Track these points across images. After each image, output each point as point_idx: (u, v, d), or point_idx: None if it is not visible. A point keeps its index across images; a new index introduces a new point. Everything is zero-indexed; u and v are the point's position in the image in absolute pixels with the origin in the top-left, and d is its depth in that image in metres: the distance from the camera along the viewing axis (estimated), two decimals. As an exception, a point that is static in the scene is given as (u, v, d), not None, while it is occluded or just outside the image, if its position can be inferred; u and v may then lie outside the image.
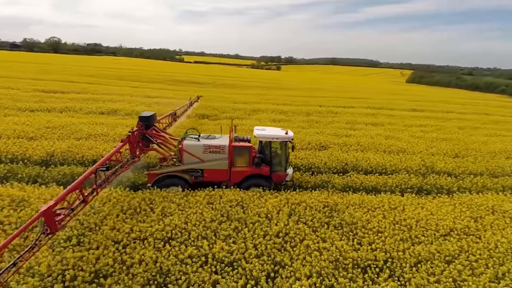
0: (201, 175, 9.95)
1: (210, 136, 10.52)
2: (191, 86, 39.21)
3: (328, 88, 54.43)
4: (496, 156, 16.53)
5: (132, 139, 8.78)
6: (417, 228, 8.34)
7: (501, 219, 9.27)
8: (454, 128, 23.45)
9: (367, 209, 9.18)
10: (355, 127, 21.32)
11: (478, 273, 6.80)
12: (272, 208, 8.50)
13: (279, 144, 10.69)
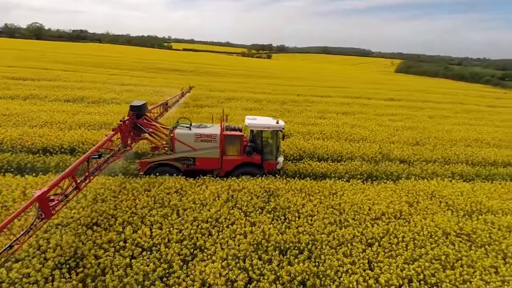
0: (193, 163, 10.26)
1: (201, 125, 10.78)
2: (172, 74, 38.71)
3: (313, 77, 54.34)
4: (456, 144, 16.93)
5: (123, 128, 8.93)
6: (349, 212, 8.59)
7: (436, 204, 9.61)
8: (424, 117, 23.83)
9: (307, 194, 9.39)
10: (325, 116, 21.47)
11: (395, 255, 7.08)
12: (210, 194, 8.61)
13: (270, 133, 11.06)
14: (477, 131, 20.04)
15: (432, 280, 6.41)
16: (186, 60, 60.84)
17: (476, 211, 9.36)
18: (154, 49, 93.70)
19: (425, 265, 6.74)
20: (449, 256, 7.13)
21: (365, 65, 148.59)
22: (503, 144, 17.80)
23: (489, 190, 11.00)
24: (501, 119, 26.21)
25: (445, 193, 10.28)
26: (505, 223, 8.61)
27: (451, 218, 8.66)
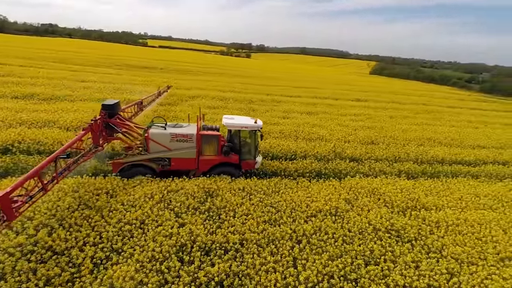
0: (168, 164, 10.01)
1: (177, 125, 10.52)
2: (140, 71, 37.62)
3: (288, 77, 54.69)
4: (410, 143, 17.47)
5: (94, 128, 8.65)
6: (286, 210, 8.59)
7: (374, 201, 9.82)
8: (385, 117, 24.50)
9: (248, 193, 9.30)
10: (288, 116, 21.57)
11: (321, 251, 7.11)
12: (142, 195, 8.32)
13: (248, 133, 10.90)
14: (432, 131, 20.86)
15: (352, 276, 6.48)
16: (158, 57, 59.53)
17: (411, 207, 9.65)
18: (126, 46, 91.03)
19: (347, 262, 6.81)
20: (374, 252, 7.26)
21: (342, 66, 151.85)
22: (454, 143, 18.60)
23: (429, 187, 11.42)
24: (459, 119, 27.47)
25: (385, 190, 10.53)
26: (435, 218, 8.91)
27: (385, 215, 8.85)
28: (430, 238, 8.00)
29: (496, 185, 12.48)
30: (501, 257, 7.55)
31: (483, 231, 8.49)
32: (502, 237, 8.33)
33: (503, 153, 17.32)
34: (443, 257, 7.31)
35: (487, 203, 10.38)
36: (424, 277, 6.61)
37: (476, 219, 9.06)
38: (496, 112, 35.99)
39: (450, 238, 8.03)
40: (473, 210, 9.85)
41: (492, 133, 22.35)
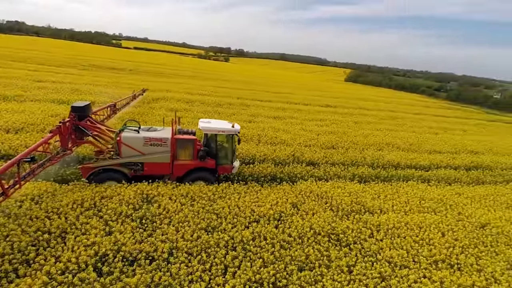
0: (141, 169, 9.66)
1: (151, 128, 10.22)
2: (106, 71, 36.41)
3: (263, 82, 54.86)
4: (369, 148, 17.81)
5: (63, 130, 8.29)
6: (228, 216, 8.32)
7: (321, 205, 9.77)
8: (350, 123, 24.99)
9: (190, 199, 8.97)
10: (254, 120, 21.46)
11: (256, 258, 6.90)
12: (69, 202, 7.77)
13: (225, 137, 10.70)
14: (393, 136, 21.43)
15: (282, 282, 6.30)
16: (129, 58, 57.98)
17: (356, 211, 9.69)
18: (97, 46, 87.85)
19: (281, 268, 6.64)
20: (310, 256, 7.14)
21: (320, 73, 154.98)
22: (412, 148, 19.17)
23: (378, 191, 11.57)
24: (420, 125, 28.53)
25: (334, 193, 10.55)
26: (377, 222, 8.98)
27: (328, 218, 8.81)
28: (369, 242, 8.01)
29: (444, 189, 12.88)
30: (435, 259, 7.68)
31: (421, 234, 8.64)
32: (439, 240, 8.50)
33: (457, 158, 18.02)
34: (377, 261, 7.31)
35: (431, 206, 10.64)
36: (355, 281, 6.55)
37: (417, 222, 9.22)
38: (457, 119, 37.80)
39: (387, 242, 8.08)
40: (416, 213, 10.04)
41: (450, 139, 23.28)
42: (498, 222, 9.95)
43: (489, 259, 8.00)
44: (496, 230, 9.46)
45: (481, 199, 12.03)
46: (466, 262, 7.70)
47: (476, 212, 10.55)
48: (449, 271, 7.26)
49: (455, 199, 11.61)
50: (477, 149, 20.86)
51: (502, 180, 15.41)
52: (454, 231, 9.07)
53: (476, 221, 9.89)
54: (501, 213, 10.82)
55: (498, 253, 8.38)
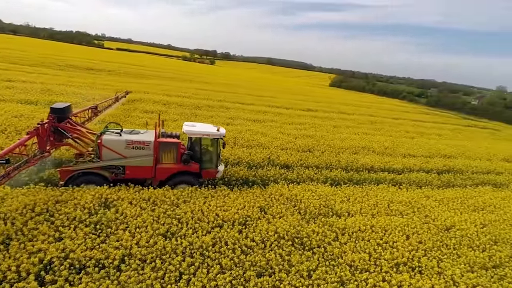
0: (123, 172, 9.51)
1: (133, 131, 10.10)
2: (83, 72, 35.46)
3: (249, 86, 54.72)
4: (345, 152, 17.92)
5: (41, 132, 8.03)
6: (190, 221, 8.05)
7: (289, 208, 9.64)
8: (329, 127, 25.16)
9: (152, 203, 8.64)
10: (233, 123, 21.25)
11: (212, 264, 6.66)
12: (19, 206, 7.32)
13: (210, 141, 10.62)
14: (369, 140, 21.66)
15: (239, 289, 6.09)
16: (109, 59, 56.72)
17: (323, 214, 9.62)
18: (77, 46, 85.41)
19: (239, 273, 6.42)
20: (272, 261, 6.97)
21: (305, 78, 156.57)
22: (387, 151, 19.44)
23: (348, 193, 11.57)
24: (398, 129, 29.06)
25: (303, 196, 10.46)
26: (343, 225, 8.92)
27: (294, 222, 8.68)
28: (332, 245, 7.92)
29: (414, 192, 13.04)
30: (397, 262, 7.66)
31: (385, 237, 8.64)
32: (403, 243, 8.51)
33: (430, 162, 18.41)
34: (339, 265, 7.22)
35: (398, 209, 10.72)
36: (313, 286, 6.41)
37: (383, 225, 9.23)
38: (434, 124, 38.75)
39: (351, 245, 8.02)
40: (384, 216, 10.06)
41: (425, 143, 23.77)
42: (463, 225, 10.11)
43: (450, 261, 8.07)
44: (460, 232, 9.60)
45: (449, 202, 12.24)
46: (428, 265, 7.73)
47: (443, 215, 10.69)
48: (410, 274, 7.25)
49: (424, 202, 11.76)
50: (451, 153, 21.39)
51: (472, 184, 15.79)
52: (419, 234, 9.12)
53: (441, 223, 10.01)
54: (467, 215, 11.02)
55: (460, 255, 8.47)
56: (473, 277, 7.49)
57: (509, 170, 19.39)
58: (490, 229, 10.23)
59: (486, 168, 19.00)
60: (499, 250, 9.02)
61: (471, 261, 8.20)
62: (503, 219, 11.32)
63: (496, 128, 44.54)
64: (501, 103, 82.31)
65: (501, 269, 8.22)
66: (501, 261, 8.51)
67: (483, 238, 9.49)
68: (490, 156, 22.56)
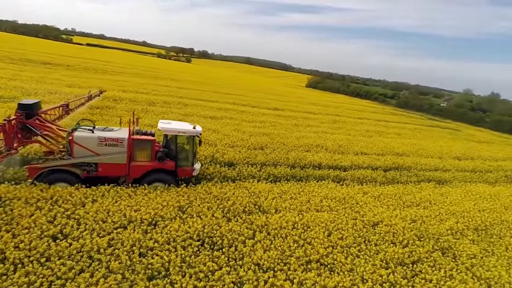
0: (95, 170, 9.32)
1: (107, 128, 10.04)
2: (38, 66, 33.39)
3: (219, 84, 53.80)
4: (298, 149, 17.73)
5: (7, 129, 7.79)
6: (92, 222, 7.39)
7: (212, 207, 9.15)
8: (290, 125, 24.98)
9: (53, 203, 7.88)
10: (185, 119, 20.20)
11: (98, 268, 6.05)
12: None
13: (186, 139, 10.60)
14: (326, 138, 21.66)
15: (120, 294, 5.53)
16: (72, 54, 54.06)
17: (248, 211, 9.25)
18: (40, 40, 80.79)
19: (127, 277, 5.86)
20: (170, 263, 6.46)
21: (283, 78, 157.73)
22: (340, 149, 19.45)
23: (284, 190, 11.29)
24: (358, 128, 29.38)
25: (234, 194, 10.06)
26: (264, 222, 8.58)
27: (212, 221, 8.22)
28: (245, 244, 7.53)
29: (353, 188, 12.99)
30: (309, 259, 7.37)
31: (305, 234, 8.38)
32: (322, 239, 8.28)
33: (380, 159, 18.58)
34: (244, 264, 6.81)
35: (330, 205, 10.53)
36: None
37: (307, 222, 8.98)
38: (397, 124, 39.72)
39: (266, 243, 7.68)
40: (312, 212, 9.83)
41: (381, 141, 24.10)
42: (392, 221, 10.07)
43: (367, 258, 7.90)
44: (386, 228, 9.52)
45: (385, 198, 12.26)
46: (342, 261, 7.50)
47: (374, 211, 10.63)
48: (319, 272, 6.98)
49: (359, 198, 11.68)
50: (404, 151, 21.80)
51: (416, 180, 16.04)
52: (343, 230, 8.93)
53: (369, 219, 9.91)
54: (399, 211, 11.03)
55: (379, 251, 8.34)
56: (386, 273, 7.33)
57: (457, 167, 19.98)
58: (418, 224, 10.26)
59: (434, 165, 19.45)
60: (421, 246, 9.00)
61: (388, 257, 8.07)
62: (435, 214, 11.46)
63: (457, 129, 46.41)
64: (467, 105, 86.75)
65: (419, 264, 8.17)
66: (421, 257, 8.46)
67: (408, 233, 9.45)
68: (442, 154, 23.23)
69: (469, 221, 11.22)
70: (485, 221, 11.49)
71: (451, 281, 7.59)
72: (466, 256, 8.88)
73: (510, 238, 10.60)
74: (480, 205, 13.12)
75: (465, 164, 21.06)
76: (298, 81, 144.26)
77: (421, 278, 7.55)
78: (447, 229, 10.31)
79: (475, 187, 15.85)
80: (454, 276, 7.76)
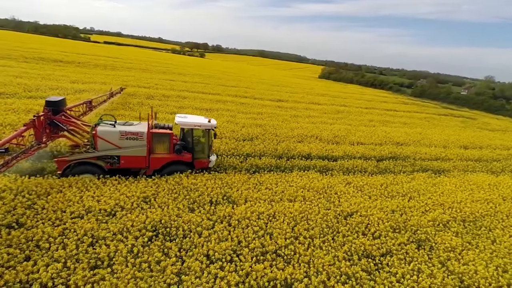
0: (118, 162, 9.85)
1: (127, 123, 10.51)
2: (48, 64, 34.27)
3: (227, 77, 53.57)
4: (289, 140, 17.42)
5: (37, 124, 8.46)
6: (48, 212, 7.47)
7: (178, 198, 9.04)
8: (288, 116, 24.53)
9: (17, 193, 8.01)
10: (175, 111, 20.39)
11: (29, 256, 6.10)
12: None
13: (201, 132, 10.99)
14: (322, 129, 21.08)
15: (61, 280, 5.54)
16: (84, 51, 55.29)
17: (215, 202, 9.08)
18: (59, 39, 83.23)
19: (68, 266, 5.87)
20: (120, 252, 6.42)
21: (297, 70, 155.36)
22: (335, 139, 18.86)
23: (261, 180, 11.05)
24: (362, 119, 28.43)
25: (205, 185, 9.90)
26: (228, 213, 8.39)
27: (172, 211, 8.13)
28: (202, 235, 7.38)
29: (336, 178, 12.58)
30: (266, 250, 7.14)
31: (270, 224, 8.14)
32: (285, 230, 8.00)
33: (376, 149, 17.90)
34: (192, 256, 6.67)
35: (306, 195, 10.21)
36: (146, 278, 5.87)
37: (274, 212, 8.74)
38: (407, 113, 38.13)
39: (224, 234, 7.46)
40: (286, 202, 9.53)
41: (382, 131, 23.17)
42: (369, 211, 9.64)
43: (329, 249, 7.58)
44: (360, 219, 9.11)
45: (369, 188, 11.76)
46: (302, 253, 7.22)
47: (351, 201, 10.20)
48: (272, 263, 6.74)
49: (340, 188, 11.25)
50: (405, 140, 20.92)
51: (411, 170, 15.35)
52: (311, 221, 8.61)
53: (344, 210, 9.52)
54: (379, 202, 10.54)
55: (345, 243, 7.97)
56: (345, 265, 6.99)
57: (461, 157, 18.96)
58: (397, 215, 9.76)
59: (436, 155, 18.55)
60: (394, 238, 8.55)
61: (354, 249, 7.71)
62: (420, 205, 10.89)
63: (472, 117, 44.13)
64: (489, 93, 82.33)
65: (388, 257, 7.76)
66: (391, 249, 8.03)
67: (382, 225, 8.99)
68: (448, 143, 22.14)
69: (457, 212, 10.57)
70: (476, 212, 10.80)
71: (419, 275, 7.15)
72: (444, 249, 8.36)
73: (500, 231, 9.91)
74: (475, 196, 12.35)
75: (471, 153, 19.95)
76: (311, 73, 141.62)
77: (386, 272, 7.15)
78: (430, 221, 9.76)
79: (475, 177, 14.95)
80: (422, 270, 7.30)
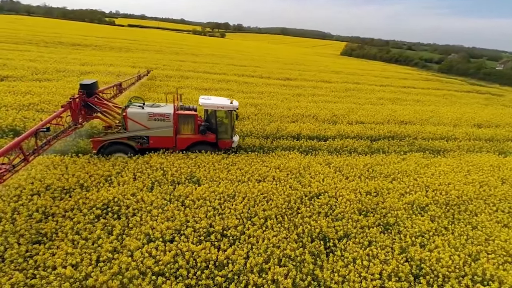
0: (147, 142, 10.53)
1: (154, 105, 11.07)
2: (66, 48, 35.03)
3: (239, 56, 52.74)
4: (283, 120, 16.99)
5: (73, 106, 9.02)
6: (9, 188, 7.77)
7: (140, 177, 9.05)
8: (289, 95, 23.77)
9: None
10: (172, 91, 20.36)
11: None
12: None
13: (224, 113, 11.35)
14: (322, 108, 20.21)
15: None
16: (103, 35, 56.42)
17: (175, 182, 9.02)
18: (85, 24, 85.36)
19: (9, 241, 6.12)
20: (63, 228, 6.59)
21: (319, 47, 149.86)
22: (333, 119, 18.10)
23: (233, 161, 10.81)
24: (369, 96, 26.90)
25: (173, 165, 9.83)
26: (185, 193, 8.33)
27: (129, 190, 8.19)
28: (151, 214, 7.40)
29: (316, 158, 12.12)
30: (212, 231, 7.02)
31: (225, 204, 7.99)
32: (241, 210, 7.82)
33: (375, 128, 17.00)
34: (133, 234, 6.70)
35: (276, 175, 9.89)
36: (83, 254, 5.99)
37: (232, 193, 8.55)
38: (424, 90, 35.43)
39: (174, 213, 7.44)
40: (252, 182, 9.23)
41: (389, 109, 21.86)
42: (338, 193, 9.20)
43: (281, 230, 7.32)
44: (325, 200, 8.72)
45: (350, 169, 11.18)
46: (250, 234, 7.02)
47: (324, 182, 9.77)
48: (215, 244, 6.65)
49: (317, 169, 10.80)
50: (409, 119, 19.67)
51: (407, 150, 14.41)
52: (273, 201, 8.34)
53: (311, 190, 9.14)
54: (355, 183, 10.00)
55: (301, 224, 7.67)
56: (291, 248, 6.73)
57: (470, 136, 17.53)
58: (369, 198, 9.23)
59: (442, 134, 17.28)
60: (359, 220, 8.12)
61: (307, 231, 7.39)
62: (401, 187, 10.22)
63: (500, 93, 40.48)
64: (528, 67, 75.07)
65: (345, 240, 7.39)
66: (350, 232, 7.64)
67: (349, 207, 8.55)
68: (460, 122, 20.58)
69: (441, 195, 9.82)
70: (464, 195, 9.97)
71: (372, 260, 6.77)
72: (412, 234, 7.82)
73: (487, 215, 9.11)
74: (470, 178, 11.41)
75: (483, 132, 18.41)
76: (334, 49, 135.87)
77: (337, 256, 6.81)
78: (406, 203, 9.16)
79: (477, 158, 13.77)
80: (376, 255, 6.89)
